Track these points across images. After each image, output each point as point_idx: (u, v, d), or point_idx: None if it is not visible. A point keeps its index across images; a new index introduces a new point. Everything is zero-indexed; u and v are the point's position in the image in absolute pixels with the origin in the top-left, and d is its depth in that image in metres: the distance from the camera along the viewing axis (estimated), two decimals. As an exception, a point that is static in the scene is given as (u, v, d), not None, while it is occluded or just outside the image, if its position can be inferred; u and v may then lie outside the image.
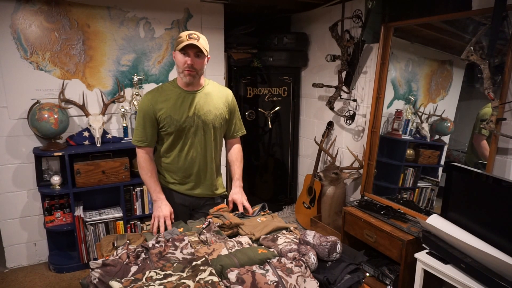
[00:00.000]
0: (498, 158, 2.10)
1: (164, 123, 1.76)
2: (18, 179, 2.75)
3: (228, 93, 1.93)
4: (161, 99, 1.77)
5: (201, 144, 1.83)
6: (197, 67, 1.72)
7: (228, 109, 1.91)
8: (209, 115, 1.81)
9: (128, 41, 2.92)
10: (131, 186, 2.88)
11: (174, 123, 1.76)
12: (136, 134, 1.81)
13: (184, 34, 1.68)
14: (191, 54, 1.69)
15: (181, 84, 1.80)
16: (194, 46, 1.67)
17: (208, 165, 1.88)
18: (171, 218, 1.76)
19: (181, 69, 1.72)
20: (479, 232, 1.82)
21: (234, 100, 1.95)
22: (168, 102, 1.77)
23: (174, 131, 1.77)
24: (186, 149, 1.82)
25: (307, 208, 3.52)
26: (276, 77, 3.68)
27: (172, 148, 1.83)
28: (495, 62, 2.03)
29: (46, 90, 2.71)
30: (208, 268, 1.20)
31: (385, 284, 2.45)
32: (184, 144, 1.81)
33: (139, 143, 1.81)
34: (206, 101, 1.81)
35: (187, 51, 1.68)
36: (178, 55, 1.71)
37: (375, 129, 2.81)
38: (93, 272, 1.23)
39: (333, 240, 1.41)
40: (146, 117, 1.77)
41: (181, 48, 1.66)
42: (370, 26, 2.83)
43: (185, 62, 1.70)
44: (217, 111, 1.84)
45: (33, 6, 2.57)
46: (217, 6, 3.19)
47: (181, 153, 1.82)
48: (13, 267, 2.85)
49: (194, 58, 1.70)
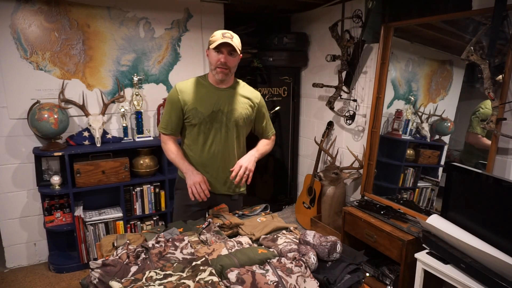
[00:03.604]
0: (498, 158, 2.10)
1: (189, 114, 1.81)
2: (18, 179, 2.75)
3: (256, 94, 1.96)
4: (190, 91, 1.83)
5: (223, 140, 1.86)
6: (230, 65, 1.77)
7: (254, 110, 1.94)
8: (234, 113, 1.84)
9: (128, 41, 2.92)
10: (131, 186, 2.88)
11: (199, 116, 1.80)
12: (162, 121, 1.88)
13: (219, 33, 1.73)
14: (224, 52, 1.73)
15: (212, 80, 1.85)
16: (228, 44, 1.71)
17: (230, 162, 1.90)
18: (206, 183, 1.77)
19: (214, 66, 1.76)
20: (479, 232, 1.82)
21: (262, 101, 1.98)
22: (196, 94, 1.82)
23: (197, 123, 1.82)
24: (209, 143, 1.86)
25: (307, 208, 3.51)
26: (276, 77, 3.68)
27: (195, 141, 1.87)
28: (495, 62, 2.03)
29: (46, 90, 2.71)
30: (208, 268, 1.20)
31: (385, 284, 2.45)
32: (207, 138, 1.85)
33: (163, 130, 1.88)
34: (233, 100, 1.85)
35: (220, 49, 1.73)
36: (212, 52, 1.75)
37: (375, 129, 2.81)
38: (93, 272, 1.23)
39: (333, 240, 1.41)
40: (173, 106, 1.83)
41: (215, 46, 1.71)
42: (370, 26, 2.82)
43: (218, 60, 1.74)
44: (242, 110, 1.87)
45: (33, 6, 2.57)
46: (217, 6, 3.19)
47: (204, 147, 1.86)
48: (13, 267, 2.85)
49: (227, 56, 1.74)
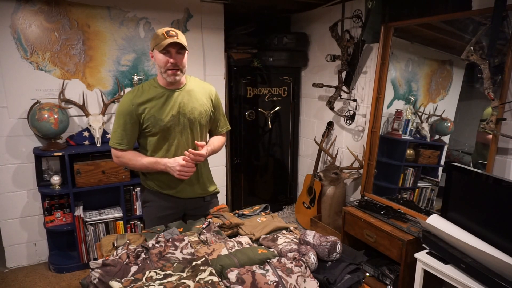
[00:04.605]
0: (498, 158, 2.10)
1: (148, 124, 1.69)
2: (18, 179, 2.75)
3: (211, 88, 1.87)
4: (143, 99, 1.70)
5: (188, 143, 1.77)
6: (181, 64, 1.66)
7: (212, 104, 1.85)
8: (195, 112, 1.75)
9: (128, 41, 2.92)
10: (131, 186, 2.88)
11: (159, 123, 1.69)
12: (115, 136, 1.72)
13: (161, 32, 1.62)
14: (173, 52, 1.63)
15: (162, 83, 1.73)
16: (175, 43, 1.61)
17: (199, 164, 1.80)
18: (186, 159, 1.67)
19: (164, 69, 1.65)
20: (479, 232, 1.82)
21: (217, 95, 1.89)
22: (151, 102, 1.70)
23: (159, 131, 1.71)
24: (173, 150, 1.75)
25: (307, 208, 3.51)
26: (276, 77, 3.68)
27: (157, 150, 1.75)
28: (495, 62, 2.03)
29: (46, 90, 2.71)
30: (208, 268, 1.20)
31: (385, 284, 2.45)
32: (170, 145, 1.74)
33: (118, 145, 1.72)
34: (190, 99, 1.75)
35: (168, 50, 1.62)
36: (158, 54, 1.64)
37: (375, 129, 2.81)
38: (93, 272, 1.23)
39: (333, 240, 1.41)
40: (127, 118, 1.69)
41: (162, 48, 1.60)
42: (370, 26, 2.82)
43: (168, 61, 1.63)
44: (202, 107, 1.78)
45: (33, 6, 2.57)
46: (217, 6, 3.19)
47: (167, 154, 1.75)
48: (13, 267, 2.85)
49: (176, 55, 1.64)
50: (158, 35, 1.63)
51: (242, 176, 3.73)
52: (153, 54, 1.69)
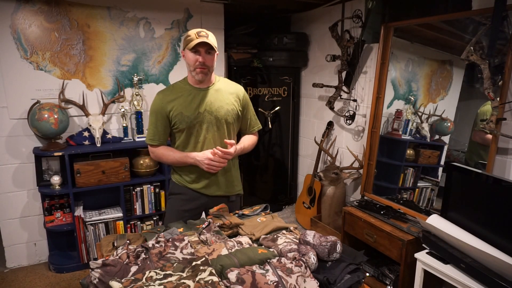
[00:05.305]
0: (498, 158, 2.10)
1: (176, 120, 1.79)
2: (18, 179, 2.75)
3: (239, 88, 1.93)
4: (172, 97, 1.80)
5: (215, 140, 1.83)
6: (209, 64, 1.74)
7: (240, 104, 1.91)
8: (221, 110, 1.81)
9: (128, 41, 2.92)
10: (131, 186, 2.88)
11: (185, 120, 1.77)
12: (149, 133, 1.86)
13: (193, 32, 1.70)
14: (202, 51, 1.71)
15: (192, 82, 1.82)
16: (204, 43, 1.68)
17: (228, 162, 1.87)
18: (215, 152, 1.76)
19: (193, 67, 1.74)
20: (479, 232, 1.82)
21: (246, 95, 1.95)
22: (179, 99, 1.79)
23: (185, 128, 1.79)
24: (200, 146, 1.82)
25: (307, 208, 3.51)
26: (276, 77, 3.68)
27: (185, 146, 1.84)
28: (495, 62, 2.03)
29: (46, 90, 2.71)
30: (208, 268, 1.20)
31: (385, 284, 2.45)
32: (197, 141, 1.82)
33: (151, 141, 1.86)
34: (217, 97, 1.82)
35: (197, 49, 1.70)
36: (189, 53, 1.73)
37: (375, 129, 2.81)
38: (93, 272, 1.23)
39: (333, 240, 1.41)
40: (158, 116, 1.80)
41: (192, 47, 1.68)
42: (370, 26, 2.83)
43: (197, 60, 1.71)
44: (228, 106, 1.84)
45: (33, 6, 2.57)
46: (217, 6, 3.19)
47: (195, 150, 1.83)
48: (13, 267, 2.85)
49: (205, 55, 1.72)
50: (189, 35, 1.71)
51: (242, 176, 3.73)
52: (184, 53, 1.77)
